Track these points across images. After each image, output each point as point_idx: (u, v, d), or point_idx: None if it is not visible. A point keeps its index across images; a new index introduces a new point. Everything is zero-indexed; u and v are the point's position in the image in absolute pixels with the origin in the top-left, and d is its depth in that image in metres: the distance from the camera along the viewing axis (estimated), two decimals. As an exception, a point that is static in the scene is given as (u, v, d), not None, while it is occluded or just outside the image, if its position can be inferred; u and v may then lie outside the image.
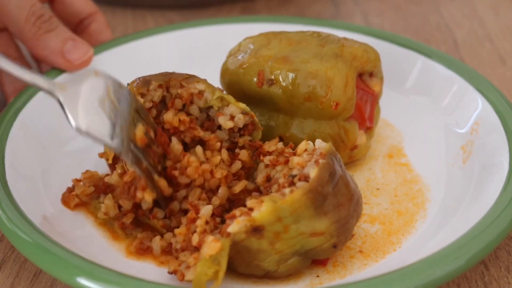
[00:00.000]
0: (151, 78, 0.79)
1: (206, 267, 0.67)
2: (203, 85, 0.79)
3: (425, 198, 0.82)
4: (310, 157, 0.72)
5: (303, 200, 0.68)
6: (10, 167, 0.80)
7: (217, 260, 0.67)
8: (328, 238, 0.70)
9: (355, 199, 0.71)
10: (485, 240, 0.69)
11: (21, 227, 0.71)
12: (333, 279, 0.72)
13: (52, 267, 0.67)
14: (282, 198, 0.68)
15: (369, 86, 0.86)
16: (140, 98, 0.78)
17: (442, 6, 1.29)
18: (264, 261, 0.70)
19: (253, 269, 0.71)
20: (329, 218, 0.69)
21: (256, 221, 0.67)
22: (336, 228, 0.70)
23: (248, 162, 0.79)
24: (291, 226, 0.68)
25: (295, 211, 0.68)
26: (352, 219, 0.71)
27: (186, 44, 1.03)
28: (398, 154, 0.90)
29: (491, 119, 0.85)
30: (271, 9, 1.27)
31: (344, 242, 0.72)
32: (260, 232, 0.68)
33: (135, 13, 1.27)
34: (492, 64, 1.11)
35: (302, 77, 0.80)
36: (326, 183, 0.69)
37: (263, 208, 0.67)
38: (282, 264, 0.70)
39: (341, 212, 0.70)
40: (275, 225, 0.68)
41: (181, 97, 0.79)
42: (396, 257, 0.74)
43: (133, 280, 0.67)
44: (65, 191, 0.82)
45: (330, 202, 0.69)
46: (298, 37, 0.86)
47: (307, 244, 0.70)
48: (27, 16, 0.90)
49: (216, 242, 0.67)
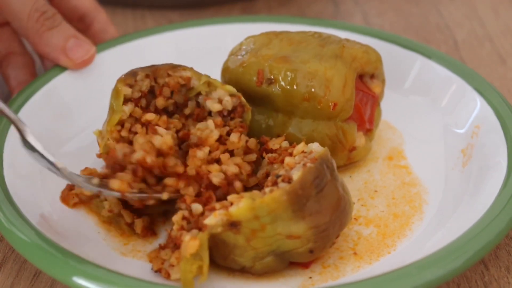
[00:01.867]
0: (138, 70, 0.80)
1: (189, 265, 0.67)
2: (190, 72, 0.80)
3: (422, 201, 0.82)
4: (301, 159, 0.72)
5: (282, 201, 0.67)
6: (8, 166, 0.80)
7: (199, 256, 0.68)
8: (304, 242, 0.69)
9: (340, 207, 0.71)
10: (481, 241, 0.68)
11: (19, 227, 0.71)
12: (325, 281, 0.72)
13: (49, 266, 0.68)
14: (262, 196, 0.67)
15: (369, 88, 0.86)
16: (128, 89, 0.79)
17: (442, 6, 1.29)
18: (240, 256, 0.70)
19: (230, 263, 0.71)
20: (307, 223, 0.68)
21: (233, 216, 0.67)
22: (314, 234, 0.69)
23: (255, 150, 0.79)
24: (268, 225, 0.68)
25: (272, 211, 0.67)
26: (333, 226, 0.70)
27: (186, 44, 1.03)
28: (398, 157, 0.89)
29: (490, 119, 0.85)
30: (271, 9, 1.27)
31: (322, 248, 0.71)
32: (237, 227, 0.68)
33: (135, 13, 1.27)
34: (492, 64, 1.11)
35: (301, 77, 0.80)
36: (309, 187, 0.68)
37: (241, 204, 0.67)
38: (257, 262, 0.70)
39: (321, 218, 0.69)
40: (252, 222, 0.68)
41: (168, 85, 0.80)
42: (390, 259, 0.74)
43: (130, 279, 0.67)
44: (65, 188, 0.82)
45: (310, 206, 0.68)
46: (299, 37, 0.86)
47: (283, 245, 0.69)
48: (30, 12, 0.90)
49: (194, 241, 0.67)
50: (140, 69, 0.80)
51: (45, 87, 0.91)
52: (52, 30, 0.91)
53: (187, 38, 1.04)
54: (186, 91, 0.81)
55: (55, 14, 0.92)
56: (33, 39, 0.91)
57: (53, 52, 0.91)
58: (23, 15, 0.90)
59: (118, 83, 0.79)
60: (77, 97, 0.94)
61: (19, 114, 0.86)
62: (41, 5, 0.90)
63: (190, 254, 0.67)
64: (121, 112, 0.78)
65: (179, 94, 0.81)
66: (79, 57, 0.92)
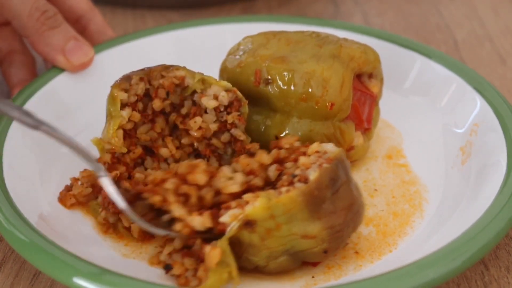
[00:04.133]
0: (131, 74, 0.80)
1: (218, 274, 0.68)
2: (183, 72, 0.80)
3: (422, 200, 0.82)
4: (316, 160, 0.72)
5: (298, 201, 0.67)
6: (8, 167, 0.80)
7: (225, 263, 0.68)
8: (319, 243, 0.69)
9: (354, 208, 0.71)
10: (481, 241, 0.68)
11: (18, 227, 0.71)
12: (328, 280, 0.72)
13: (48, 267, 0.67)
14: (278, 196, 0.68)
15: (367, 87, 0.86)
16: (124, 94, 0.79)
17: (442, 6, 1.29)
18: (254, 255, 0.70)
19: (243, 262, 0.71)
20: (323, 223, 0.69)
21: (249, 215, 0.67)
22: (329, 234, 0.69)
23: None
24: (283, 225, 0.68)
25: (288, 211, 0.67)
26: (347, 227, 0.71)
27: (186, 44, 1.03)
28: (397, 155, 0.89)
29: (489, 118, 0.85)
30: (271, 9, 1.27)
31: (336, 249, 0.71)
32: (252, 226, 0.68)
33: (135, 13, 1.27)
34: (492, 64, 1.11)
35: (299, 77, 0.80)
36: (325, 188, 0.68)
37: (257, 203, 0.67)
38: (271, 261, 0.70)
39: (336, 219, 0.69)
40: (268, 221, 0.68)
41: (163, 86, 0.80)
42: (392, 258, 0.74)
43: (129, 280, 0.67)
44: (63, 189, 0.82)
45: (326, 207, 0.69)
46: (297, 37, 0.86)
47: (298, 245, 0.69)
48: (30, 11, 0.89)
49: (215, 250, 0.67)
50: (133, 73, 0.80)
51: (45, 87, 0.91)
52: (52, 30, 0.91)
53: (187, 38, 1.04)
54: (181, 91, 0.81)
55: (56, 14, 0.91)
56: (33, 38, 0.90)
57: (52, 52, 0.91)
58: (23, 13, 0.89)
59: (113, 88, 0.79)
60: (77, 97, 0.94)
61: (19, 114, 0.86)
62: (42, 4, 0.90)
63: (215, 264, 0.67)
64: (120, 117, 0.78)
65: (175, 94, 0.81)
66: (77, 59, 0.92)
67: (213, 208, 0.72)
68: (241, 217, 0.68)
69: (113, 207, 0.76)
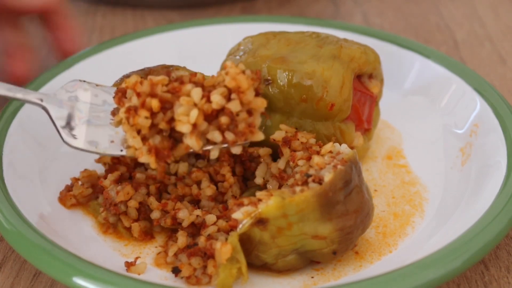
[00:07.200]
0: (131, 74, 0.80)
1: (227, 270, 0.68)
2: (182, 72, 0.79)
3: (422, 200, 0.82)
4: (330, 160, 0.72)
5: (311, 201, 0.68)
6: (8, 166, 0.80)
7: (235, 259, 0.68)
8: (329, 244, 0.70)
9: (365, 211, 0.71)
10: (482, 242, 0.68)
11: (18, 227, 0.71)
12: (327, 280, 0.72)
13: (48, 267, 0.67)
14: (291, 195, 0.68)
15: (367, 88, 0.86)
16: None
17: (442, 6, 1.29)
18: (264, 252, 0.70)
19: (252, 259, 0.71)
20: (334, 225, 0.69)
21: (262, 213, 0.67)
22: (339, 236, 0.69)
23: None
24: (295, 224, 0.68)
25: (301, 210, 0.68)
26: (357, 230, 0.71)
27: (186, 44, 1.03)
28: (397, 156, 0.89)
29: (489, 119, 0.85)
30: (271, 9, 1.27)
31: (345, 250, 0.72)
32: (264, 224, 0.68)
33: (135, 13, 1.27)
34: (492, 64, 1.11)
35: (299, 78, 0.80)
36: (339, 190, 0.69)
37: (271, 202, 0.67)
38: (280, 259, 0.71)
39: (347, 221, 0.69)
40: (280, 220, 0.68)
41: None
42: (392, 258, 0.74)
43: (129, 280, 0.67)
44: (63, 189, 0.82)
45: (338, 209, 0.69)
46: (297, 38, 0.86)
47: (308, 245, 0.70)
48: None
49: (226, 246, 0.67)
50: (133, 73, 0.80)
51: (45, 87, 0.91)
52: None
53: (187, 38, 1.04)
54: None
55: None
56: None
57: None
58: None
59: None
60: (77, 97, 0.94)
61: (19, 114, 0.86)
62: None
63: (225, 260, 0.67)
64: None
65: None
66: None
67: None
68: (254, 214, 0.68)
69: (114, 208, 0.76)
